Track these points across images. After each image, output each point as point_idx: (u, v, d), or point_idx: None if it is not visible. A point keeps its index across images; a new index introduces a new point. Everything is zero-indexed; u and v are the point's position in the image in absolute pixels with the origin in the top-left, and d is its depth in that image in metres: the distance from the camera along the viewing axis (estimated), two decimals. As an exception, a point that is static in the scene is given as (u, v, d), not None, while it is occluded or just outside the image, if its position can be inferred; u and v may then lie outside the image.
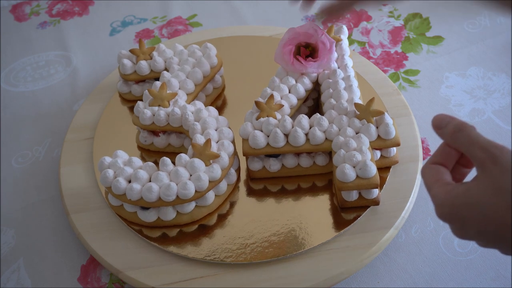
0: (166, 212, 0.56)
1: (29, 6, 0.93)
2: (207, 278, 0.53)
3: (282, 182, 0.60)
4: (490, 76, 0.73)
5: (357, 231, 0.55)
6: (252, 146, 0.58)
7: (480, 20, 0.81)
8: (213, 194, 0.58)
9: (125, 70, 0.69)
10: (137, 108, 0.63)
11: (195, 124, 0.60)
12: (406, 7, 0.84)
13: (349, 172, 0.54)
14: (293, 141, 0.58)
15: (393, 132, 0.57)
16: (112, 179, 0.56)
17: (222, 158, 0.57)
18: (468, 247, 0.56)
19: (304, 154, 0.60)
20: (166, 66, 0.69)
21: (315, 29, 0.62)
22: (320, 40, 0.62)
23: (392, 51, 0.77)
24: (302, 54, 0.64)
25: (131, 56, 0.70)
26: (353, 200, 0.56)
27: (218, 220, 0.58)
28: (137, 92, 0.70)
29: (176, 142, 0.64)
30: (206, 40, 0.77)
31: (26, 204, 0.64)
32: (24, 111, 0.76)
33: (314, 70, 0.63)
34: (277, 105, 0.60)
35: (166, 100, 0.62)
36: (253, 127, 0.59)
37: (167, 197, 0.54)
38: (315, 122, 0.58)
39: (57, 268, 0.58)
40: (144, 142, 0.65)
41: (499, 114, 0.68)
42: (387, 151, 0.59)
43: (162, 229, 0.57)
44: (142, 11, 0.89)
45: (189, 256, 0.55)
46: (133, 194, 0.55)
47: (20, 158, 0.69)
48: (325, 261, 0.53)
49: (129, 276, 0.54)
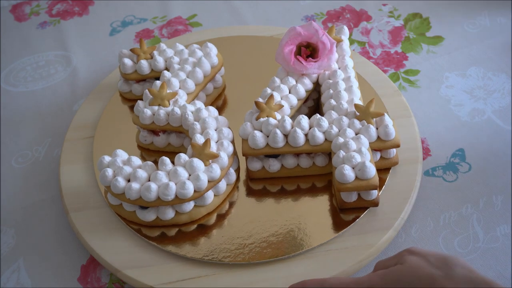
0: (165, 212, 0.56)
1: (29, 6, 0.93)
2: (205, 278, 0.53)
3: (281, 182, 0.60)
4: (490, 76, 0.73)
5: (357, 232, 0.55)
6: (251, 146, 0.58)
7: (480, 20, 0.81)
8: (212, 194, 0.58)
9: (125, 69, 0.69)
10: (137, 108, 0.63)
11: (195, 123, 0.60)
12: (406, 7, 0.84)
13: (348, 173, 0.54)
14: (292, 142, 0.58)
15: (392, 133, 0.57)
16: (111, 178, 0.56)
17: (221, 158, 0.57)
18: (468, 247, 0.56)
19: (304, 154, 0.59)
20: (167, 66, 0.69)
21: (316, 29, 0.62)
22: (320, 40, 0.62)
23: (392, 51, 0.77)
24: (302, 54, 0.64)
25: (131, 55, 0.70)
26: (352, 201, 0.56)
27: (217, 220, 0.58)
28: (137, 92, 0.71)
29: (176, 142, 0.64)
30: (206, 40, 0.77)
31: (26, 204, 0.64)
32: (24, 111, 0.76)
33: (314, 70, 0.63)
34: (277, 105, 0.60)
35: (166, 99, 0.62)
36: (253, 127, 0.59)
37: (166, 196, 0.54)
38: (314, 123, 0.58)
39: (57, 268, 0.58)
40: (144, 141, 0.65)
41: (499, 114, 0.68)
42: (387, 152, 0.59)
43: (161, 228, 0.57)
44: (142, 11, 0.89)
45: (188, 256, 0.55)
46: (132, 193, 0.55)
47: (20, 158, 0.70)
48: (325, 262, 0.53)
49: (128, 275, 0.54)
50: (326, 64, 0.63)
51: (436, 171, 0.63)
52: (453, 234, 0.57)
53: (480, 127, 0.67)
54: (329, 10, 0.85)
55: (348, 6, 0.86)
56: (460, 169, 0.63)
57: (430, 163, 0.63)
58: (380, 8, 0.85)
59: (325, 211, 0.57)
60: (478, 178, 0.62)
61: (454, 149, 0.65)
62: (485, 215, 0.58)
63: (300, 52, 0.64)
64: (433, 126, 0.67)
